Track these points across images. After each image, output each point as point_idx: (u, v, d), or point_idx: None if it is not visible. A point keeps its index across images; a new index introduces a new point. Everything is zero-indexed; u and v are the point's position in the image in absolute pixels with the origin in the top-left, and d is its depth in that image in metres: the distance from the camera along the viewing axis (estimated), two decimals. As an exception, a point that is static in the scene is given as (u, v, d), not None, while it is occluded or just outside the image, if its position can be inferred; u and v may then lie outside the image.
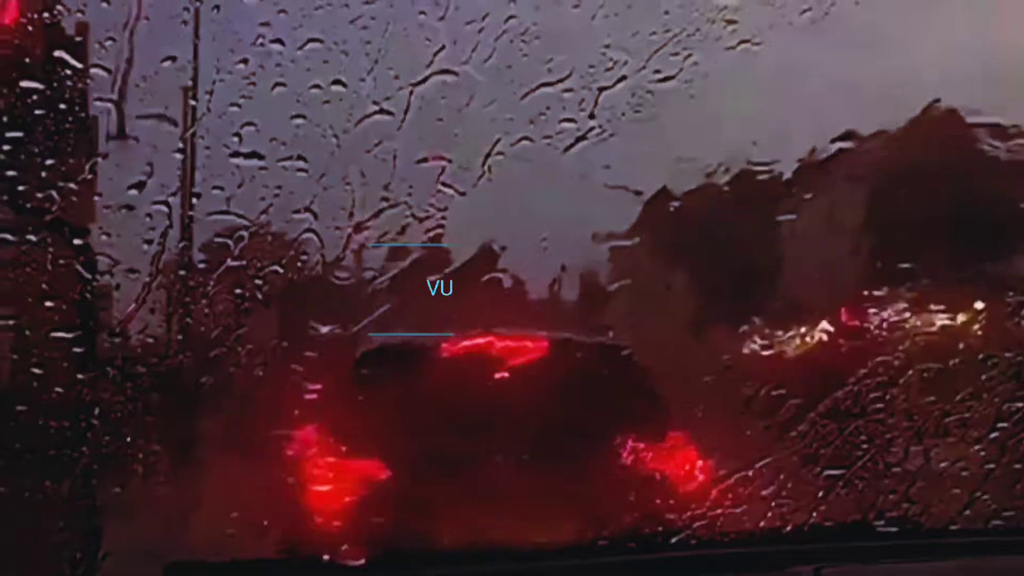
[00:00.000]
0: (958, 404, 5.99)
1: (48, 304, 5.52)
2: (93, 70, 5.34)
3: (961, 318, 7.91)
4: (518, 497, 6.03)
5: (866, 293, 8.00)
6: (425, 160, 5.89)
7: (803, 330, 8.06)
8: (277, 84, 5.59)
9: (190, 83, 5.69)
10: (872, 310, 7.76)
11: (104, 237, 5.33)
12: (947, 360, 6.55)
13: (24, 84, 5.34)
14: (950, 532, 5.30)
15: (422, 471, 6.34)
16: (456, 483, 6.18)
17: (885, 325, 7.63)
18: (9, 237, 5.60)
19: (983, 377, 6.11)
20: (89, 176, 5.34)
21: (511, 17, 5.81)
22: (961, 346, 6.96)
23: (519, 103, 5.93)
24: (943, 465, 5.71)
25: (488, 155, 5.89)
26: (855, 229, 8.96)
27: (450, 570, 4.49)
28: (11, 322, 5.87)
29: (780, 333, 7.88)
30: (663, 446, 6.76)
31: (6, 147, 5.33)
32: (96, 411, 5.39)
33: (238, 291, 5.87)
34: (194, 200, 5.75)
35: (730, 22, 6.04)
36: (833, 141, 7.52)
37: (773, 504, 5.40)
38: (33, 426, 5.41)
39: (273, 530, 5.59)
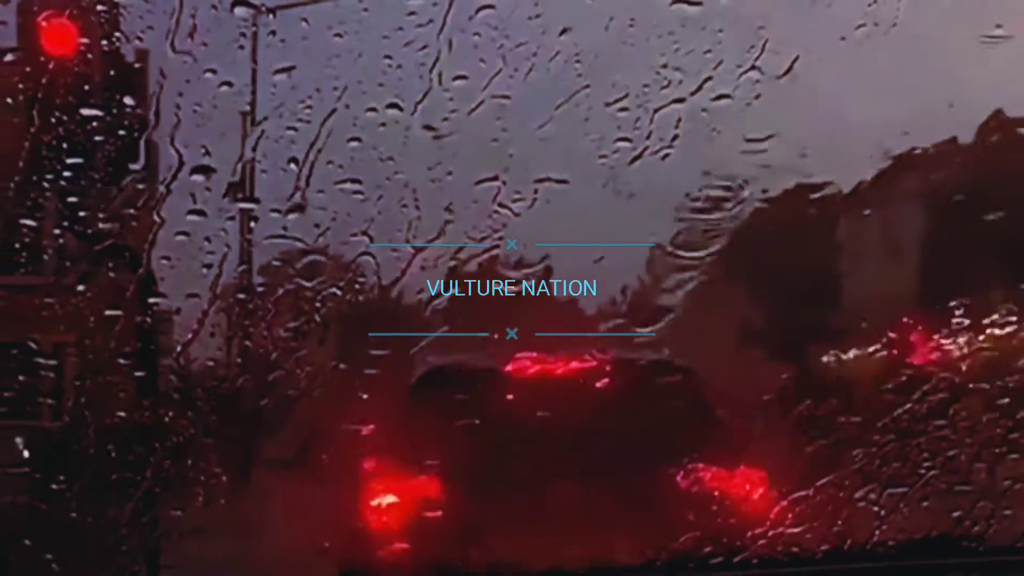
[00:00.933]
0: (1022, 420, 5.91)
1: (110, 329, 5.57)
2: (152, 97, 5.39)
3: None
4: (577, 517, 6.01)
5: (927, 309, 7.93)
6: (481, 181, 5.90)
7: (862, 348, 7.98)
8: (333, 108, 5.63)
9: (247, 108, 5.74)
10: (933, 326, 7.68)
11: (164, 262, 5.37)
12: (1009, 377, 6.46)
13: (84, 111, 5.41)
14: (1015, 549, 5.22)
15: (480, 492, 6.32)
16: (514, 504, 6.16)
17: (947, 342, 7.55)
18: (70, 263, 5.68)
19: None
20: (148, 201, 5.38)
21: (565, 39, 5.81)
22: (1022, 363, 6.85)
23: (574, 123, 5.94)
24: (1007, 482, 5.63)
25: (543, 176, 5.89)
26: (914, 246, 8.90)
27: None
28: (73, 347, 5.95)
29: (839, 350, 7.82)
30: (723, 465, 6.70)
31: (67, 173, 5.40)
32: (158, 434, 5.43)
33: (296, 314, 5.91)
34: (252, 224, 5.78)
35: (783, 41, 6.01)
36: (891, 158, 7.46)
37: (834, 523, 5.35)
38: (96, 449, 5.46)
39: (333, 551, 5.61)
